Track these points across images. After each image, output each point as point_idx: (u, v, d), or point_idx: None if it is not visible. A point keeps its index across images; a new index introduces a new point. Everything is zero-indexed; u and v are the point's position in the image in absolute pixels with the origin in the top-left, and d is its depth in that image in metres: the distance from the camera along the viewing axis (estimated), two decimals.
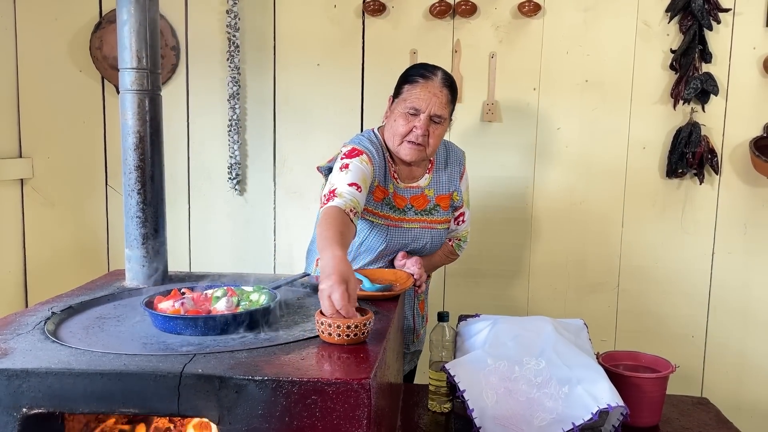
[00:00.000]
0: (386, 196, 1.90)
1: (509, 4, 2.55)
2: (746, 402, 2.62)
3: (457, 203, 2.02)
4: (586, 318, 1.94)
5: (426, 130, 1.84)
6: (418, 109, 1.84)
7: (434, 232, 1.95)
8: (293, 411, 1.10)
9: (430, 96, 1.83)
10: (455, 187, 2.01)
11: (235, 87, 2.64)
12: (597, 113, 2.58)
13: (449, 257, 2.12)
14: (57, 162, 2.77)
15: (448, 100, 1.87)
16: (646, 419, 1.65)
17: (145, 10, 1.70)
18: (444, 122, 1.88)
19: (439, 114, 1.84)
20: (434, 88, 1.84)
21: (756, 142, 2.48)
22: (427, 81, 1.85)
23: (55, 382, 1.14)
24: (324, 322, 1.28)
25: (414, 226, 1.92)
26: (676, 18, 2.50)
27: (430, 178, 1.98)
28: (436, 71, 1.88)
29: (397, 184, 1.93)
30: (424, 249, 1.96)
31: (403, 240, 1.91)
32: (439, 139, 1.89)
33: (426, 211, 1.94)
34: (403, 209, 1.92)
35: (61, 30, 2.71)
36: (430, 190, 1.97)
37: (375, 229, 1.90)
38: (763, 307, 2.60)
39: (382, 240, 1.89)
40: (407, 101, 1.85)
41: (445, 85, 1.86)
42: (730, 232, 2.58)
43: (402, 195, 1.93)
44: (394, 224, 1.91)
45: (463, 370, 1.58)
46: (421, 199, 1.94)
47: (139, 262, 1.77)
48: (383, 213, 1.90)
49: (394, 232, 1.90)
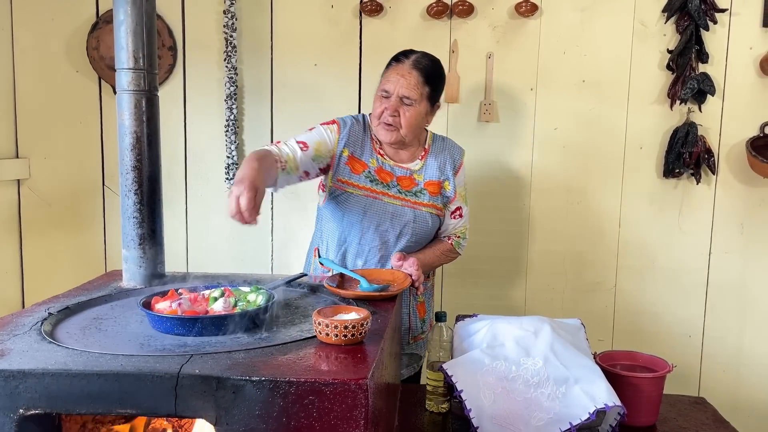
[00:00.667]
0: (365, 169, 1.97)
1: (506, 4, 2.55)
2: (743, 401, 2.62)
3: (447, 193, 2.03)
4: (583, 317, 1.94)
5: (395, 111, 1.90)
6: (388, 91, 1.91)
7: (418, 213, 1.98)
8: (290, 411, 1.10)
9: (398, 78, 1.91)
10: (446, 177, 2.03)
11: (232, 87, 2.64)
12: (594, 113, 2.58)
13: (448, 256, 2.12)
14: (54, 162, 2.77)
15: (418, 82, 1.91)
16: (643, 419, 1.65)
17: (141, 11, 1.70)
18: (415, 104, 1.91)
19: (407, 95, 1.90)
20: (402, 70, 1.91)
21: (752, 142, 2.48)
22: (399, 64, 1.94)
23: (52, 383, 1.13)
24: (321, 323, 1.28)
25: (396, 203, 1.97)
26: (673, 18, 2.51)
27: (421, 164, 2.02)
28: (410, 54, 1.95)
29: (384, 159, 1.99)
30: (407, 228, 1.97)
31: (382, 213, 1.96)
32: (413, 121, 1.92)
33: (412, 192, 1.99)
34: (387, 184, 1.97)
35: (58, 30, 2.71)
36: (419, 175, 2.01)
37: (353, 200, 1.96)
38: (760, 307, 2.61)
39: (360, 210, 1.95)
40: (381, 84, 1.95)
41: (415, 68, 1.92)
42: (727, 232, 2.59)
43: (389, 171, 1.98)
44: (374, 196, 1.96)
45: (461, 370, 1.58)
46: (407, 180, 1.99)
47: (136, 263, 1.76)
48: (362, 185, 1.96)
49: (374, 204, 1.95)
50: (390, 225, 1.96)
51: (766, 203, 2.56)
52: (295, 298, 1.67)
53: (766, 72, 2.48)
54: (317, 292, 1.73)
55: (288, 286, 1.75)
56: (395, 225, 1.96)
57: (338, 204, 1.97)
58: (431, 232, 2.04)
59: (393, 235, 1.97)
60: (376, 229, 1.96)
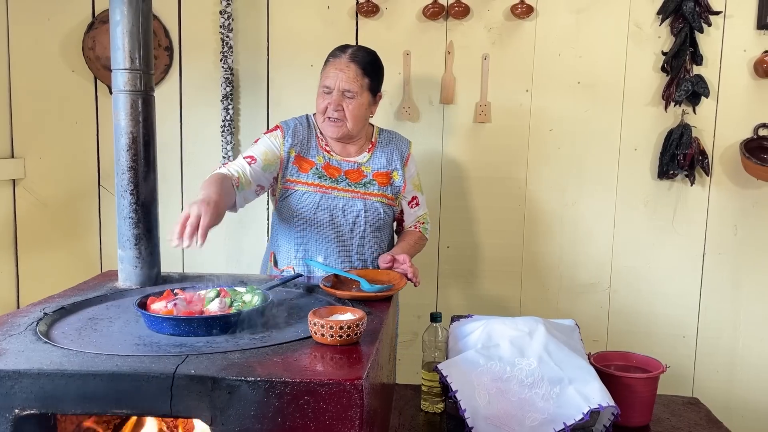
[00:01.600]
0: (313, 167, 2.02)
1: (502, 6, 2.56)
2: (737, 402, 2.64)
3: (396, 182, 2.08)
4: (578, 318, 1.95)
5: (338, 105, 1.95)
6: (329, 86, 1.96)
7: (368, 202, 2.03)
8: (286, 412, 1.11)
9: (337, 72, 1.95)
10: (394, 167, 2.08)
11: (228, 88, 2.64)
12: (589, 115, 2.59)
13: (420, 243, 2.19)
14: (49, 162, 2.77)
15: (357, 75, 1.95)
16: (636, 419, 1.66)
17: (138, 11, 1.70)
18: (357, 96, 1.96)
19: (347, 89, 1.95)
20: (340, 65, 1.96)
21: (746, 143, 2.50)
22: (336, 59, 1.98)
23: (48, 383, 1.14)
24: (317, 323, 1.28)
25: (346, 195, 2.01)
26: (668, 20, 2.52)
27: (369, 156, 2.08)
28: (347, 49, 1.99)
29: (331, 156, 2.04)
30: (359, 219, 2.01)
31: (333, 206, 2.00)
32: (357, 112, 1.97)
33: (361, 184, 2.04)
34: (336, 179, 2.02)
35: (54, 30, 2.70)
36: (367, 167, 2.06)
37: (304, 197, 2.00)
38: (754, 308, 2.62)
39: (312, 206, 1.99)
40: (321, 80, 1.99)
41: (352, 61, 1.96)
42: (721, 233, 2.60)
43: (336, 166, 2.04)
44: (324, 191, 2.01)
45: (456, 371, 1.59)
46: (355, 173, 2.04)
47: (132, 263, 1.76)
48: (310, 182, 2.01)
49: (325, 199, 2.00)
50: (343, 217, 2.01)
51: (759, 205, 2.58)
52: (290, 298, 1.68)
53: (760, 74, 2.49)
54: (313, 293, 1.74)
55: (284, 286, 1.75)
56: (347, 217, 2.01)
57: (290, 204, 2.01)
58: (385, 221, 2.08)
59: (347, 228, 2.01)
60: (331, 223, 2.00)
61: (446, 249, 2.70)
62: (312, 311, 1.32)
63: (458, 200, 2.66)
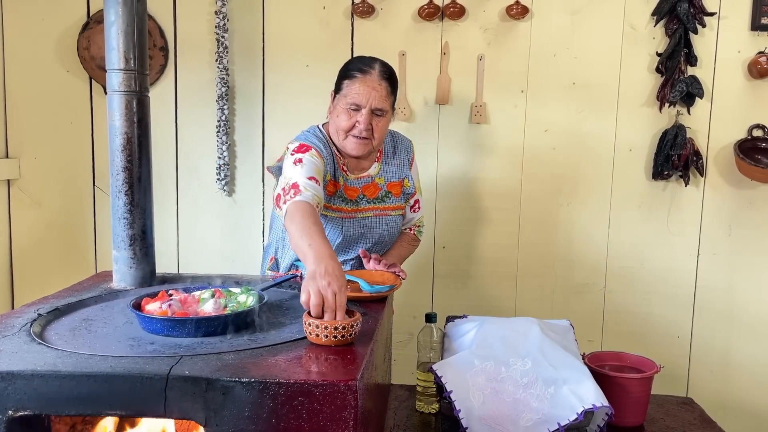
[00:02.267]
0: (338, 189, 1.93)
1: (497, 7, 2.57)
2: (731, 402, 2.65)
3: (408, 190, 2.06)
4: (573, 318, 1.96)
5: (368, 124, 1.87)
6: (359, 105, 1.86)
7: (389, 219, 2.00)
8: (280, 413, 1.11)
9: (369, 90, 1.85)
10: (405, 174, 2.05)
11: (223, 88, 2.64)
12: (584, 115, 2.60)
13: (413, 244, 2.18)
14: (44, 163, 2.76)
15: (387, 93, 1.89)
16: (630, 419, 1.67)
17: (132, 11, 1.70)
18: (386, 114, 1.90)
19: (380, 107, 1.87)
20: (373, 82, 1.86)
21: (740, 144, 2.51)
22: (365, 75, 1.87)
23: (41, 385, 1.13)
24: (312, 324, 1.28)
25: (368, 215, 1.97)
26: (662, 21, 2.53)
27: (379, 166, 2.02)
28: (374, 64, 1.89)
29: (347, 176, 1.96)
30: (381, 237, 1.99)
31: (359, 230, 1.96)
32: (384, 131, 1.93)
33: (378, 199, 1.98)
34: (355, 200, 1.96)
35: (49, 30, 2.69)
36: (380, 178, 2.01)
37: (330, 223, 1.92)
38: (748, 308, 2.63)
39: (338, 233, 1.93)
40: (347, 97, 1.87)
41: (383, 78, 1.88)
42: (715, 234, 2.61)
43: (353, 186, 1.96)
44: (348, 215, 1.94)
45: (451, 371, 1.59)
46: (372, 188, 1.98)
47: (127, 264, 1.76)
48: (336, 206, 1.93)
49: (349, 224, 1.94)
50: (368, 236, 1.98)
51: (753, 205, 2.59)
52: (285, 299, 1.68)
53: (754, 75, 2.50)
54: None
55: (279, 287, 1.75)
56: (373, 234, 1.99)
57: None
58: (399, 228, 2.10)
59: (370, 243, 2.00)
60: (355, 243, 1.97)
61: (442, 249, 2.70)
62: (307, 311, 1.32)
63: (454, 200, 2.67)
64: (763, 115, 2.54)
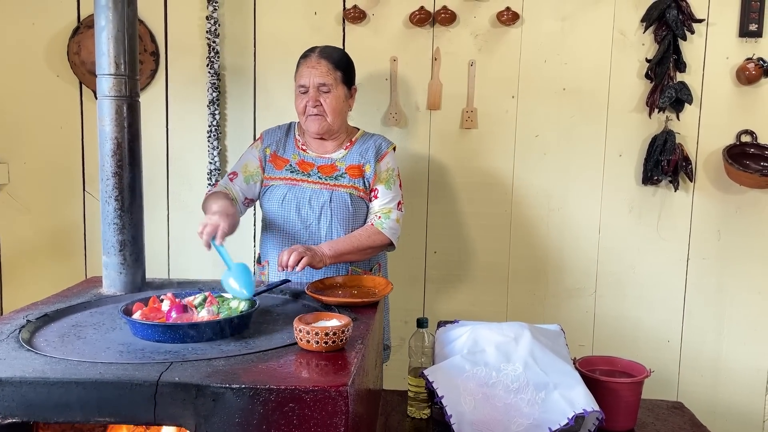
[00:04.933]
0: (287, 164, 2.12)
1: (488, 13, 2.58)
2: (720, 406, 2.66)
3: (368, 175, 2.11)
4: (564, 323, 1.96)
5: (316, 100, 2.03)
6: (305, 85, 2.04)
7: (335, 193, 2.07)
8: (271, 419, 1.10)
9: (309, 70, 2.04)
10: (367, 161, 2.11)
11: (214, 93, 2.64)
12: (574, 121, 2.61)
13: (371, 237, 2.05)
14: (34, 167, 2.74)
15: (328, 69, 2.04)
16: (621, 424, 1.67)
17: (123, 16, 1.70)
18: (333, 89, 2.04)
19: (322, 82, 2.03)
20: (311, 63, 2.05)
21: (729, 150, 2.52)
22: (306, 59, 2.07)
23: (30, 391, 1.13)
24: (302, 330, 1.28)
25: (314, 187, 2.08)
26: (652, 28, 2.54)
27: (345, 153, 2.13)
28: (315, 49, 2.09)
29: (306, 153, 2.13)
30: (325, 208, 2.05)
31: (300, 197, 2.07)
32: (335, 104, 2.05)
33: (332, 177, 2.10)
34: (308, 173, 2.10)
35: (39, 34, 2.68)
36: (341, 162, 2.12)
37: (276, 190, 2.09)
38: (737, 312, 2.64)
39: (279, 197, 2.08)
40: (296, 82, 2.08)
41: (322, 57, 2.05)
42: (705, 238, 2.63)
43: (310, 162, 2.11)
44: (293, 183, 2.09)
45: (442, 376, 1.59)
46: (328, 168, 2.11)
47: (117, 269, 1.75)
48: (283, 177, 2.10)
49: (291, 189, 2.08)
50: (309, 208, 2.06)
51: (742, 210, 2.61)
52: (276, 304, 1.67)
53: (742, 81, 2.52)
54: (299, 299, 1.74)
55: (270, 292, 1.75)
56: (314, 207, 2.06)
57: (264, 199, 2.13)
58: (353, 213, 2.09)
59: (314, 218, 2.06)
60: (297, 214, 2.06)
61: (433, 254, 2.70)
62: (297, 317, 1.32)
63: (445, 206, 2.67)
64: (752, 121, 2.56)
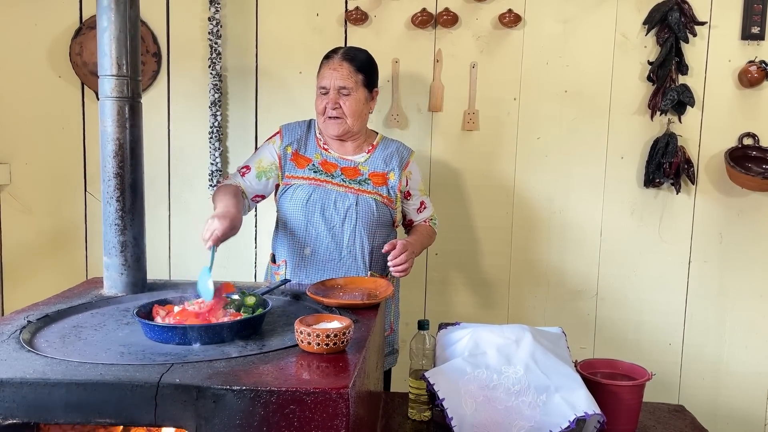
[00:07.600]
0: (309, 163, 2.09)
1: (490, 15, 2.58)
2: (722, 409, 2.65)
3: (392, 182, 2.11)
4: (565, 326, 1.96)
5: (335, 103, 2.02)
6: (325, 87, 2.03)
7: (361, 198, 2.06)
8: (271, 421, 1.10)
9: (330, 72, 2.03)
10: (391, 168, 2.12)
11: (216, 94, 2.64)
12: (576, 123, 2.61)
13: (431, 236, 2.26)
14: (35, 168, 2.74)
15: (350, 72, 2.03)
16: (622, 427, 1.66)
17: (125, 17, 1.70)
18: (353, 92, 2.03)
19: (343, 85, 2.02)
20: (333, 64, 2.03)
21: (731, 152, 2.52)
22: (328, 60, 2.05)
23: (30, 392, 1.13)
24: (303, 331, 1.28)
25: (339, 189, 2.06)
26: (654, 30, 2.54)
27: (367, 157, 2.13)
28: (338, 50, 2.07)
29: (328, 153, 2.11)
30: (350, 212, 2.04)
31: (325, 198, 2.05)
32: (355, 107, 2.03)
33: (356, 181, 2.08)
34: (332, 174, 2.08)
35: (41, 35, 2.68)
36: (364, 166, 2.11)
37: (299, 190, 2.06)
38: (739, 315, 2.64)
39: (304, 197, 2.05)
40: (318, 82, 2.07)
41: (344, 59, 2.03)
42: (706, 241, 2.62)
43: (333, 162, 2.10)
44: (318, 184, 2.07)
45: (443, 379, 1.59)
46: (351, 171, 2.10)
47: (118, 270, 1.75)
48: (307, 176, 2.08)
49: (317, 191, 2.06)
50: (334, 209, 2.04)
51: (744, 213, 2.60)
52: (277, 306, 1.67)
53: (745, 84, 2.52)
54: (300, 300, 1.74)
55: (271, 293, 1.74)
56: (339, 209, 2.04)
57: (285, 199, 2.08)
58: (378, 219, 2.09)
59: (338, 220, 2.04)
60: (321, 215, 2.04)
61: (434, 256, 2.70)
62: (298, 319, 1.32)
63: (446, 208, 2.67)
64: (754, 124, 2.56)
